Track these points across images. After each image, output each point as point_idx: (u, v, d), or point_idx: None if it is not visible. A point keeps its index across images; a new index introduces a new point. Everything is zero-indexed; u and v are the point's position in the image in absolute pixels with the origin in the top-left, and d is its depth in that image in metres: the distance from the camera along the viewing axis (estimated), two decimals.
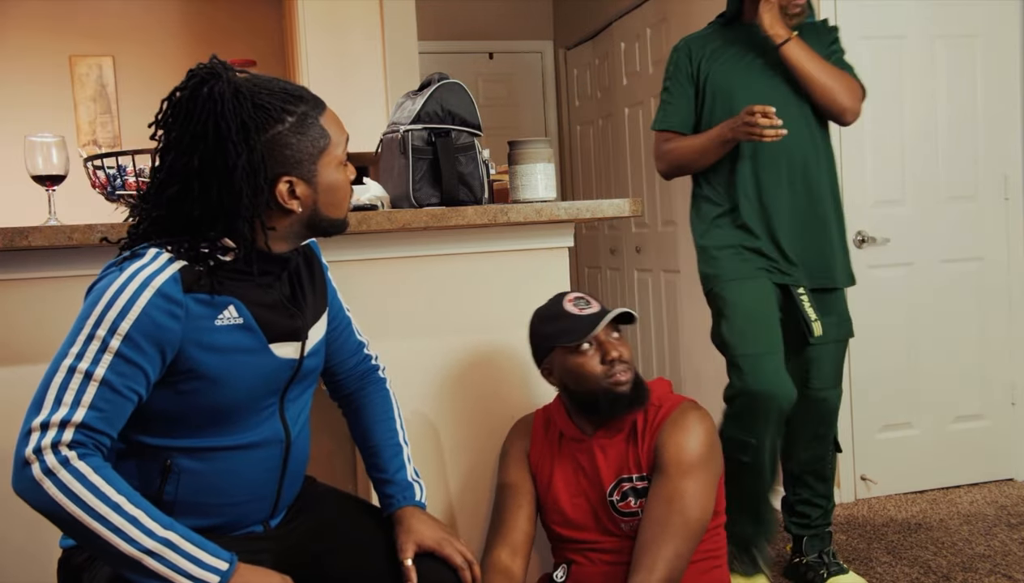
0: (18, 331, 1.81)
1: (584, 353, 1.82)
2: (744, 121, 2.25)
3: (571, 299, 1.88)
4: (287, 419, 1.48)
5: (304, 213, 1.39)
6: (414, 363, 2.05)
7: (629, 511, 1.82)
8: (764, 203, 2.42)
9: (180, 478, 1.38)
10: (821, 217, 2.45)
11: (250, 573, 1.32)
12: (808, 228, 2.43)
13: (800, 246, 2.42)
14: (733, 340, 2.35)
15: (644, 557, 1.72)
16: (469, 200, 2.06)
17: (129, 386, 1.29)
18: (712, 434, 1.84)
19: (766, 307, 2.37)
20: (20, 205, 3.39)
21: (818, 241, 2.45)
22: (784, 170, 2.42)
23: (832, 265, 2.46)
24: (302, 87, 1.41)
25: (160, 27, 4.83)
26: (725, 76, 2.47)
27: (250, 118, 1.31)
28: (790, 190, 2.42)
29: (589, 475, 1.86)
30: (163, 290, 1.29)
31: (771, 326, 2.35)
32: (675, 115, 2.53)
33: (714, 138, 2.39)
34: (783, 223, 2.41)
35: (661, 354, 4.45)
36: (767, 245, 2.41)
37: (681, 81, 2.53)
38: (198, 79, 1.33)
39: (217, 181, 1.30)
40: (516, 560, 1.84)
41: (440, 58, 5.02)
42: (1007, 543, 2.82)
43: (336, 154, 1.40)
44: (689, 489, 1.76)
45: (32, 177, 2.03)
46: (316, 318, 1.53)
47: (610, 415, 1.84)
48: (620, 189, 4.83)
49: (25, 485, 1.24)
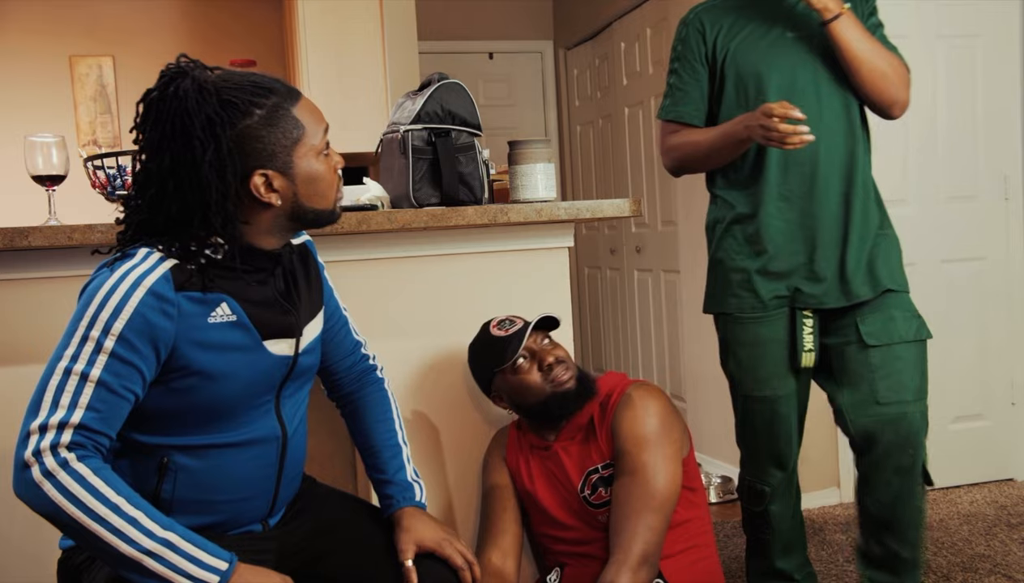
0: (18, 331, 1.81)
1: (521, 369, 1.88)
2: (760, 123, 1.88)
3: (495, 324, 1.93)
4: (283, 416, 1.48)
5: (285, 206, 1.38)
6: (414, 363, 2.06)
7: (602, 502, 1.85)
8: (795, 208, 2.05)
9: (177, 476, 1.38)
10: (863, 221, 2.06)
11: (250, 573, 1.32)
12: (849, 236, 2.04)
13: (838, 256, 2.05)
14: (739, 376, 2.16)
15: (618, 536, 1.74)
16: (469, 200, 2.06)
17: (125, 386, 1.29)
18: (664, 406, 1.87)
19: (777, 350, 2.10)
20: (20, 205, 3.39)
21: (860, 248, 2.05)
22: (821, 170, 2.03)
23: (877, 272, 2.05)
24: (275, 79, 1.40)
25: (160, 27, 4.83)
26: (749, 56, 2.05)
27: (216, 113, 1.30)
28: (826, 193, 2.04)
29: (561, 479, 1.90)
30: (154, 289, 1.30)
31: (778, 371, 2.11)
32: (684, 103, 2.13)
33: (729, 135, 2.01)
34: (819, 232, 2.04)
35: (661, 354, 4.45)
36: (790, 260, 2.06)
37: (691, 62, 2.12)
38: (167, 78, 1.33)
39: (187, 178, 1.31)
40: (508, 562, 1.87)
41: (440, 58, 5.02)
42: (1007, 543, 2.82)
43: (312, 144, 1.39)
44: (649, 461, 1.78)
45: (32, 177, 2.03)
46: (311, 316, 1.53)
47: (565, 415, 1.89)
48: (620, 189, 4.83)
49: (25, 488, 1.25)
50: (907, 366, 2.02)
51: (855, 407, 2.04)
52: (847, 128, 2.05)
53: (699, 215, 3.83)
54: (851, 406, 2.05)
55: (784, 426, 2.14)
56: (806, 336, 2.07)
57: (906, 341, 2.02)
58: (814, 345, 2.07)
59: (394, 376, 1.81)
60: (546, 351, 1.89)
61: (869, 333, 2.02)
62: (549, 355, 1.88)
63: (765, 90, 2.03)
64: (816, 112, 2.00)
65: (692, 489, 1.92)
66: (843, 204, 2.04)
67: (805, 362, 2.07)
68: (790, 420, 2.14)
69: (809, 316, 2.07)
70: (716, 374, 3.87)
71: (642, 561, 1.70)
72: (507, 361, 1.87)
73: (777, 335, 2.09)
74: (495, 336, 1.90)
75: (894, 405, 2.00)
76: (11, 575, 1.82)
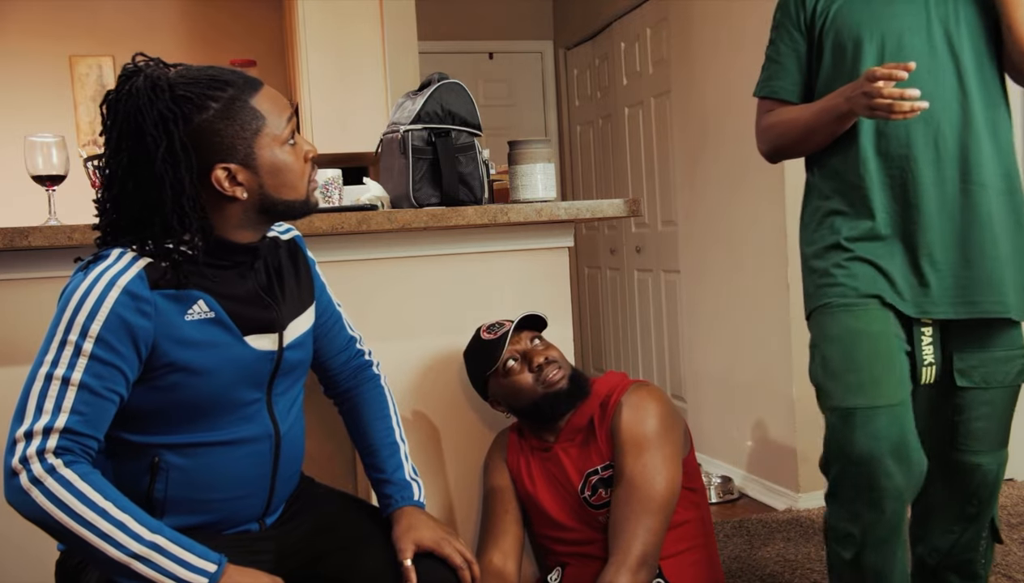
0: (18, 331, 1.81)
1: (512, 371, 1.88)
2: (863, 90, 1.59)
3: (485, 328, 1.94)
4: (276, 414, 1.48)
5: (252, 198, 1.37)
6: (414, 363, 2.06)
7: (602, 503, 1.85)
8: (901, 200, 1.72)
9: (169, 475, 1.38)
10: (988, 220, 1.71)
11: (239, 574, 1.32)
12: (967, 236, 1.71)
13: (951, 259, 1.71)
14: (828, 386, 1.72)
15: (618, 538, 1.74)
16: (469, 200, 2.06)
17: (108, 387, 1.29)
18: (664, 407, 1.86)
19: (879, 344, 1.69)
20: (20, 205, 3.40)
21: (980, 254, 1.70)
22: (934, 151, 1.70)
23: (1001, 287, 1.71)
24: (235, 71, 1.38)
25: (160, 27, 4.83)
26: (852, 17, 1.73)
27: (168, 110, 1.29)
28: (938, 179, 1.70)
29: (561, 480, 1.90)
30: (129, 288, 1.30)
31: (884, 370, 1.67)
32: (779, 77, 1.85)
33: (827, 110, 1.71)
34: (928, 229, 1.70)
35: (661, 354, 4.45)
36: (893, 258, 1.73)
37: (789, 29, 1.82)
38: (122, 78, 1.33)
39: (145, 176, 1.30)
40: (509, 563, 1.87)
41: (440, 58, 5.02)
42: (1007, 543, 2.82)
43: (275, 133, 1.37)
44: (649, 464, 1.78)
45: (32, 177, 2.03)
46: (299, 311, 1.53)
47: (557, 415, 1.89)
48: (620, 189, 4.83)
49: (14, 495, 1.25)
50: (996, 411, 1.75)
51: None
52: (976, 100, 1.70)
53: (699, 215, 3.84)
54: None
55: (880, 346, 1.75)
56: (923, 348, 1.76)
57: (1002, 386, 1.75)
58: (935, 358, 1.76)
59: (394, 376, 1.81)
60: (536, 352, 1.89)
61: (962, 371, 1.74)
62: (540, 356, 1.88)
63: (861, 58, 1.72)
64: (930, 87, 1.65)
65: (693, 489, 1.92)
66: (960, 189, 1.72)
67: (925, 377, 1.76)
68: (888, 348, 1.76)
69: (928, 327, 1.76)
70: (716, 374, 3.89)
71: (641, 562, 1.70)
72: (495, 364, 1.87)
73: (881, 319, 1.76)
74: (484, 340, 1.91)
75: (973, 454, 1.75)
76: (11, 575, 1.82)
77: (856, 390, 1.65)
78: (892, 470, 1.61)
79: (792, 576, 2.64)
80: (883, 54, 1.71)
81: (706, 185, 3.76)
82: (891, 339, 1.70)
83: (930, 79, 1.67)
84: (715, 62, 3.62)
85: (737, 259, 3.53)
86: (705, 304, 3.87)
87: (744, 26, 3.37)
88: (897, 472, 1.61)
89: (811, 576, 2.63)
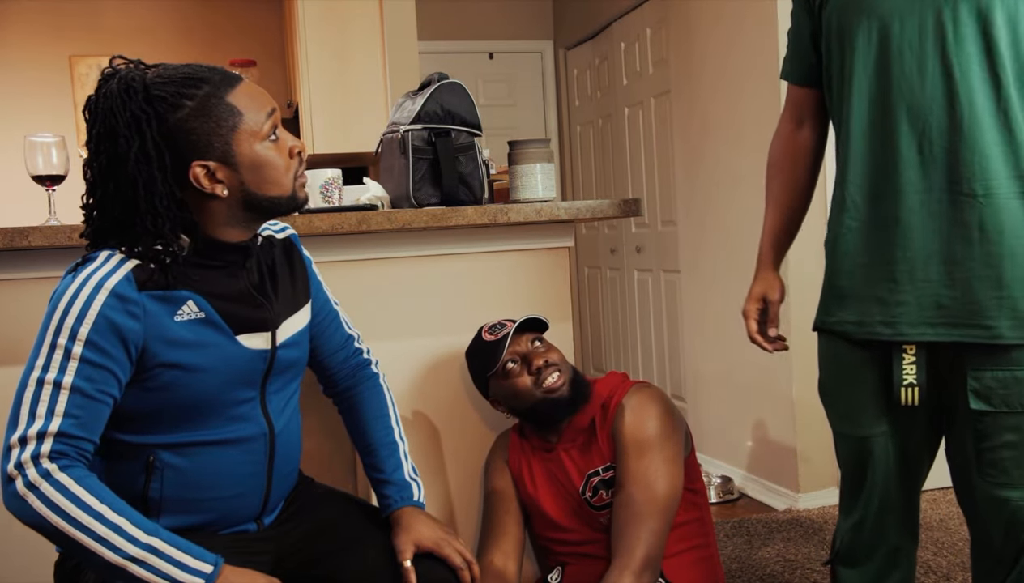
0: (18, 331, 1.81)
1: (512, 373, 1.87)
2: (744, 309, 1.84)
3: (486, 329, 1.93)
4: (270, 412, 1.47)
5: (234, 195, 1.36)
6: (414, 363, 2.06)
7: (603, 504, 1.85)
8: (879, 208, 1.52)
9: (164, 474, 1.38)
10: (989, 229, 1.44)
11: (235, 575, 1.32)
12: (960, 249, 1.46)
13: (940, 272, 1.47)
14: (824, 402, 1.69)
15: (621, 540, 1.74)
16: (469, 200, 2.06)
17: (100, 389, 1.29)
18: (665, 408, 1.86)
19: (851, 375, 1.61)
20: (20, 205, 3.40)
21: (978, 271, 1.45)
22: (923, 153, 1.47)
23: (999, 306, 1.44)
24: (213, 68, 1.37)
25: (160, 27, 4.83)
26: (849, 3, 1.53)
27: (141, 110, 1.29)
28: (926, 186, 1.47)
29: (562, 481, 1.90)
30: (117, 290, 1.29)
31: (856, 402, 1.60)
32: (790, 59, 1.72)
33: (761, 245, 1.92)
34: (909, 240, 1.49)
35: (661, 354, 4.45)
36: (866, 272, 1.54)
37: (798, 10, 1.68)
38: (101, 81, 1.33)
39: (121, 177, 1.30)
40: (509, 564, 1.87)
41: (440, 58, 5.02)
42: None
43: (253, 129, 1.35)
44: (651, 466, 1.78)
45: (32, 177, 2.03)
46: (294, 309, 1.52)
47: (556, 420, 1.88)
48: (620, 189, 4.83)
49: (10, 501, 1.26)
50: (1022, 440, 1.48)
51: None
52: (981, 94, 1.43)
53: (699, 215, 3.84)
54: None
55: (852, 376, 1.66)
56: (902, 367, 1.56)
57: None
58: (918, 379, 1.55)
59: (394, 376, 1.81)
60: (536, 354, 1.88)
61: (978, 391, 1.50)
62: (540, 358, 1.87)
63: (851, 55, 1.53)
64: (918, 82, 1.46)
65: (694, 490, 1.92)
66: (949, 197, 1.48)
67: (904, 398, 1.56)
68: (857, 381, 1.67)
69: (908, 350, 1.57)
70: (716, 374, 3.89)
71: (645, 565, 1.70)
72: (495, 365, 1.87)
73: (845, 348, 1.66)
74: (485, 341, 1.91)
75: (1001, 487, 1.50)
76: (11, 575, 1.82)
77: (841, 417, 1.67)
78: None
79: (792, 576, 2.64)
80: (870, 51, 1.50)
81: (706, 185, 3.76)
82: (855, 376, 1.60)
83: (918, 74, 1.47)
84: (715, 62, 3.62)
85: (737, 259, 3.53)
86: (705, 304, 3.87)
87: (744, 26, 3.37)
88: None
89: (811, 576, 2.63)
